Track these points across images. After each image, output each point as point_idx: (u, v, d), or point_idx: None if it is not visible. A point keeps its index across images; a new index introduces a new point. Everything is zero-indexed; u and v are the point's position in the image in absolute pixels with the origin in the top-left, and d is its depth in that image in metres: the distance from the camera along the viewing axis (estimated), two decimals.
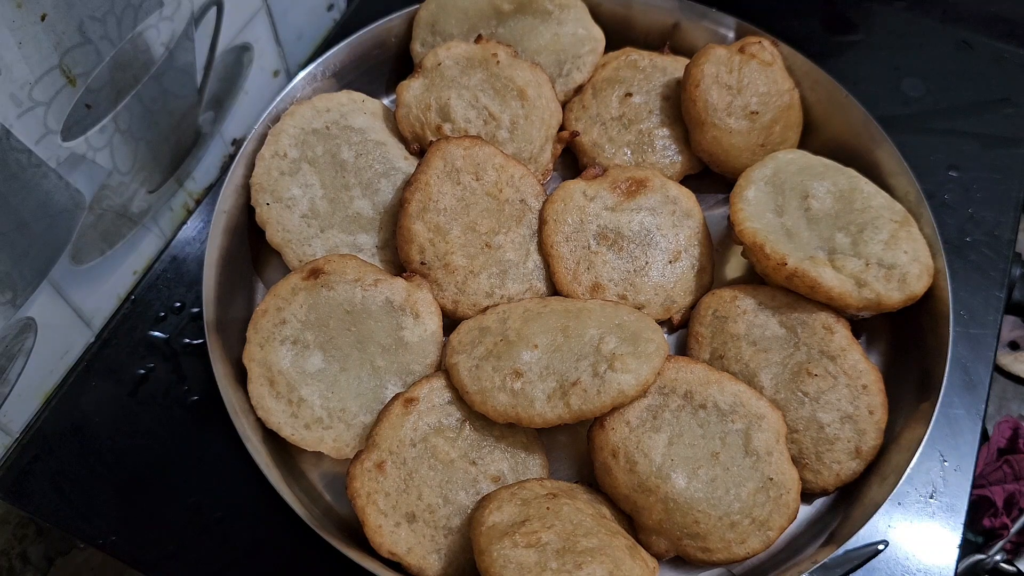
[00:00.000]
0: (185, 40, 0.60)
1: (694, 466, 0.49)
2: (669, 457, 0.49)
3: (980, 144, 0.71)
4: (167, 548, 0.53)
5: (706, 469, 0.49)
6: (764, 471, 0.49)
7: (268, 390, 0.53)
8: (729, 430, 0.50)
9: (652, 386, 0.50)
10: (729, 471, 0.49)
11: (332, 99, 0.63)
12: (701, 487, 0.48)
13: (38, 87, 0.48)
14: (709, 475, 0.49)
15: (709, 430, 0.50)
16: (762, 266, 0.57)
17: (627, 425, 0.50)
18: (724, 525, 0.48)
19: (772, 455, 0.50)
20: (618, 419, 0.50)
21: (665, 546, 0.49)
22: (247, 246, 0.62)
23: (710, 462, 0.49)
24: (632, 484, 0.49)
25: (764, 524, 0.49)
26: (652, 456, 0.49)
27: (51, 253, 0.54)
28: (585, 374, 0.51)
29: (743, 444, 0.50)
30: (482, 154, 0.59)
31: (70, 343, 0.60)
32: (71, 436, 0.57)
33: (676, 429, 0.50)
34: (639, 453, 0.49)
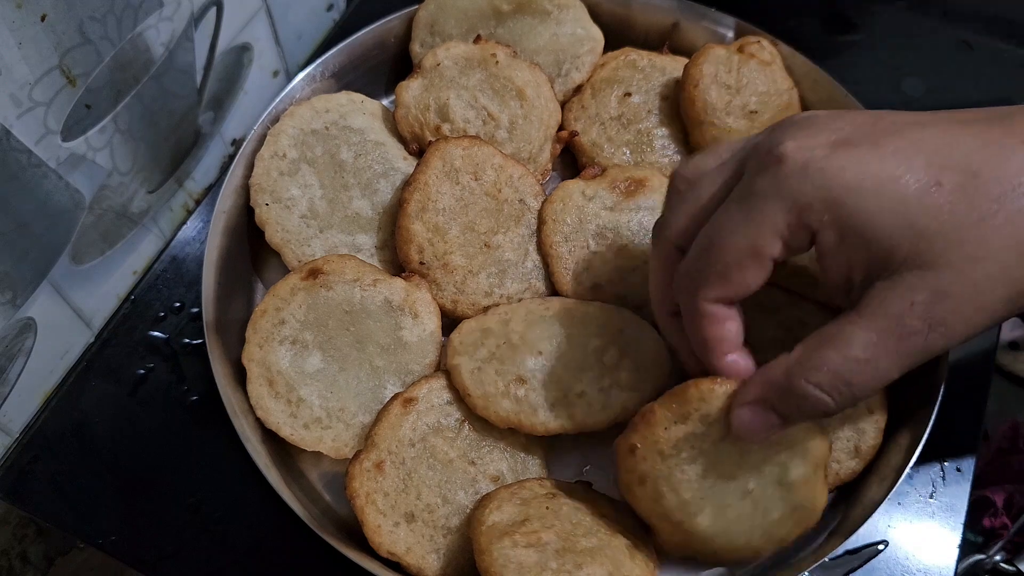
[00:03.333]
0: (185, 40, 0.60)
1: (723, 505, 0.45)
2: (700, 494, 0.45)
3: None
4: (167, 548, 0.53)
5: (735, 508, 0.45)
6: (794, 500, 0.45)
7: (267, 390, 0.53)
8: (770, 461, 0.45)
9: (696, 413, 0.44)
10: (757, 507, 0.45)
11: (331, 100, 0.63)
12: (725, 524, 0.45)
13: (38, 87, 0.48)
14: (737, 513, 0.45)
15: (748, 461, 0.45)
16: None
17: (660, 455, 0.45)
18: (742, 550, 0.46)
19: (807, 484, 0.45)
20: (651, 446, 0.45)
21: (676, 551, 0.48)
22: (246, 246, 0.62)
23: (741, 500, 0.45)
24: (655, 513, 0.47)
25: (782, 540, 0.46)
26: (681, 493, 0.45)
27: (51, 253, 0.55)
28: (590, 387, 0.51)
29: (779, 476, 0.45)
30: (481, 154, 0.59)
31: (70, 343, 0.60)
32: (71, 436, 0.57)
33: (713, 459, 0.45)
34: (668, 487, 0.45)
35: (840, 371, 0.37)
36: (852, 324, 0.37)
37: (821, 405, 0.38)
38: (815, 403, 0.38)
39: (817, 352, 0.38)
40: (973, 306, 0.36)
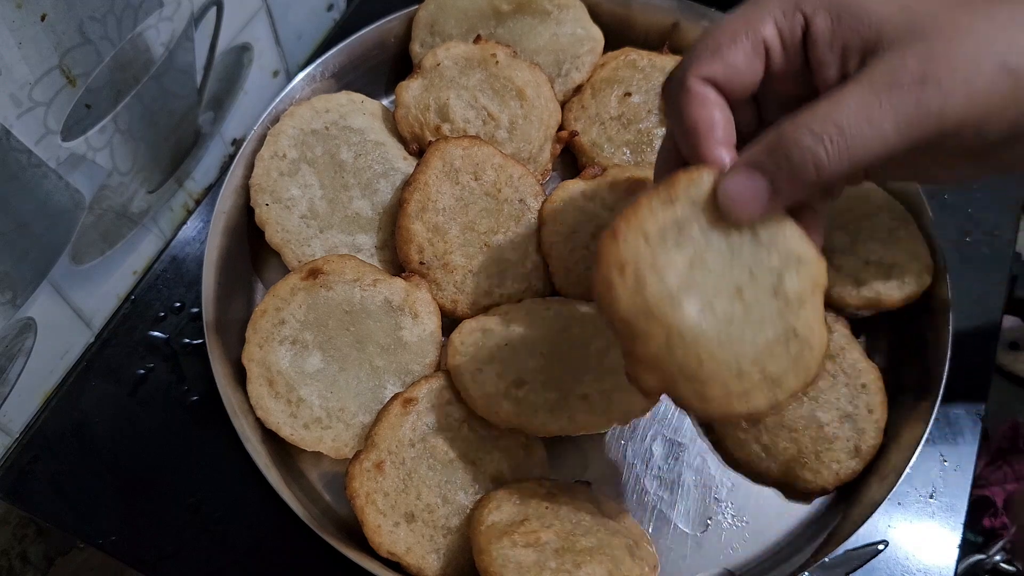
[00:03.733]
0: (185, 40, 0.60)
1: (711, 297, 0.40)
2: (686, 282, 0.40)
3: None
4: (167, 548, 0.53)
5: (725, 303, 0.40)
6: (790, 321, 0.40)
7: (267, 390, 0.53)
8: (762, 264, 0.40)
9: (684, 196, 0.40)
10: (750, 312, 0.40)
11: (331, 100, 0.63)
12: (714, 322, 0.40)
13: (38, 87, 0.48)
14: (726, 311, 0.40)
15: (739, 258, 0.40)
16: None
17: (644, 238, 0.40)
18: (730, 371, 0.40)
19: (804, 306, 0.41)
20: (635, 229, 0.40)
21: (655, 382, 0.41)
22: (247, 246, 0.62)
23: (731, 296, 0.40)
24: (635, 307, 0.40)
25: (775, 381, 0.41)
26: (666, 278, 0.39)
27: (51, 253, 0.54)
28: (591, 389, 0.51)
29: (773, 284, 0.40)
30: (481, 154, 0.59)
31: (70, 343, 0.60)
32: (71, 436, 0.57)
33: (701, 249, 0.40)
34: (651, 272, 0.39)
35: (834, 119, 0.36)
36: (845, 87, 0.36)
37: (812, 156, 0.36)
38: (806, 154, 0.36)
39: (810, 109, 0.37)
40: (966, 66, 0.35)
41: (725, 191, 0.38)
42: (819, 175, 0.36)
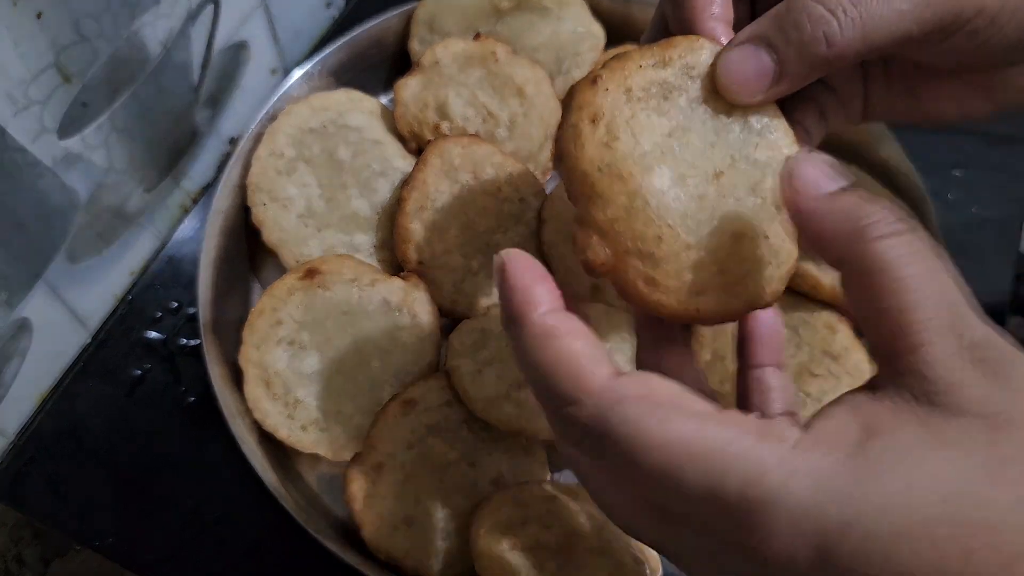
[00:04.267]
0: (182, 38, 0.59)
1: (686, 172, 0.36)
2: (661, 148, 0.36)
3: (984, 142, 0.70)
4: (164, 550, 0.53)
5: (698, 182, 0.36)
6: (763, 223, 0.36)
7: (264, 391, 0.53)
8: (748, 154, 0.36)
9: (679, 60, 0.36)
10: (723, 198, 0.36)
11: (329, 98, 0.63)
12: (683, 198, 0.35)
13: (34, 85, 0.48)
14: (698, 190, 0.36)
15: (724, 142, 0.36)
16: None
17: (626, 92, 0.36)
18: (687, 259, 0.35)
19: (781, 212, 0.36)
20: (618, 81, 0.36)
21: (605, 256, 0.36)
22: (244, 246, 0.61)
23: (707, 178, 0.36)
24: (601, 161, 0.36)
25: (731, 286, 0.36)
26: (641, 139, 0.36)
27: (46, 253, 0.54)
28: None
29: (755, 179, 0.36)
30: (480, 152, 0.59)
31: (66, 344, 0.59)
32: (67, 437, 0.57)
33: (685, 122, 0.36)
34: (626, 129, 0.35)
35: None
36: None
37: (824, 26, 0.32)
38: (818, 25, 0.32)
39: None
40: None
41: (726, 65, 0.34)
42: (830, 50, 0.32)
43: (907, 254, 0.26)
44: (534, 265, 0.31)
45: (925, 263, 0.26)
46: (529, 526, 0.47)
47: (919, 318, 0.26)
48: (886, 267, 0.26)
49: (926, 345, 0.25)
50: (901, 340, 0.26)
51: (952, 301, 0.26)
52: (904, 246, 0.26)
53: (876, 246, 0.27)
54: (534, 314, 0.29)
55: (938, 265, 0.26)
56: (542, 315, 0.29)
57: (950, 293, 0.26)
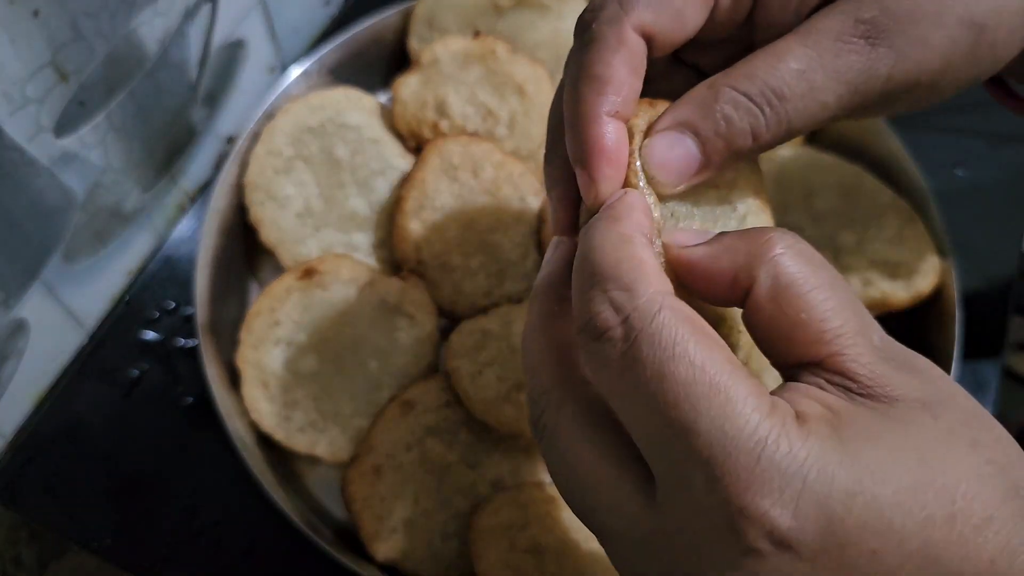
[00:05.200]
0: (179, 36, 0.59)
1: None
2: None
3: (987, 142, 0.70)
4: (162, 552, 0.53)
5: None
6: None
7: (262, 392, 0.52)
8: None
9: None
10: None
11: (327, 96, 0.62)
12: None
13: (31, 84, 0.47)
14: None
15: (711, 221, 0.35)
16: None
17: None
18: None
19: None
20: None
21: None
22: (241, 246, 0.61)
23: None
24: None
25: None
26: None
27: (43, 253, 0.54)
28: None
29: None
30: (480, 151, 0.58)
31: (63, 344, 0.59)
32: (64, 439, 0.56)
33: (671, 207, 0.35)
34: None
35: (771, 80, 0.31)
36: (785, 41, 0.32)
37: (749, 116, 0.32)
38: (744, 120, 0.32)
39: (746, 63, 0.32)
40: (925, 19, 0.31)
41: (652, 152, 0.32)
42: (755, 143, 0.32)
43: (808, 266, 0.27)
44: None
45: (826, 272, 0.27)
46: (529, 528, 0.47)
47: (836, 325, 0.27)
48: (793, 281, 0.27)
49: (848, 349, 0.27)
50: (823, 347, 0.27)
51: (855, 308, 0.27)
52: (803, 259, 0.27)
53: (779, 263, 0.27)
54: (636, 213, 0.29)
55: (834, 273, 0.28)
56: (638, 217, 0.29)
57: (852, 300, 0.27)
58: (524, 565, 0.46)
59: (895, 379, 0.26)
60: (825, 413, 0.26)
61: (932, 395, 0.26)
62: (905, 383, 0.26)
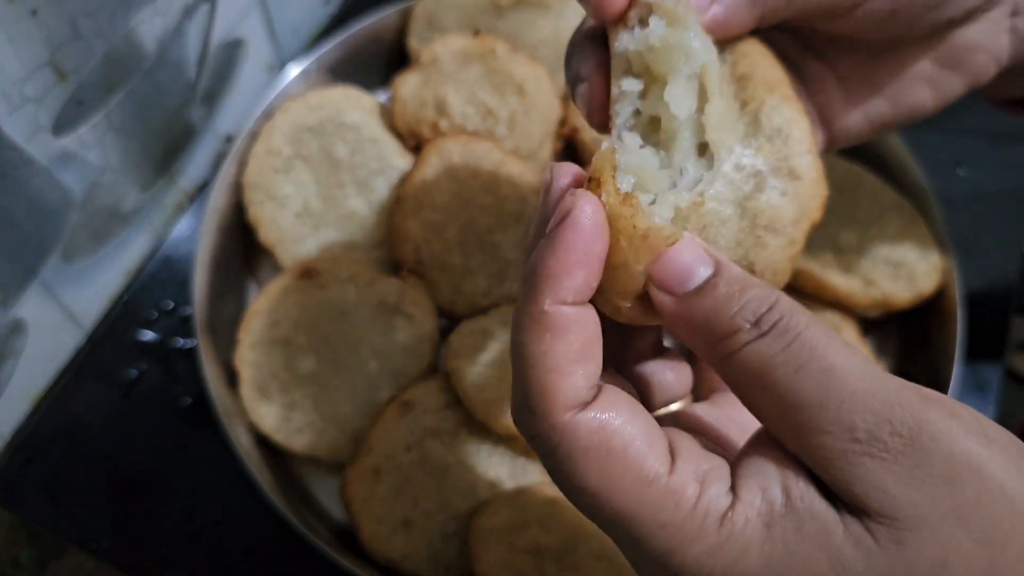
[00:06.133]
0: (178, 35, 0.59)
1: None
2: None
3: (988, 141, 0.70)
4: (160, 552, 0.53)
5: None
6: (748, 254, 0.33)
7: (260, 393, 0.52)
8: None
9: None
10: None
11: (326, 95, 0.62)
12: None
13: (29, 83, 0.47)
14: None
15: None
16: None
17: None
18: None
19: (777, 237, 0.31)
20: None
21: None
22: (240, 245, 0.61)
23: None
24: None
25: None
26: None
27: (41, 252, 0.54)
28: None
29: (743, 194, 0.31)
30: (480, 150, 0.58)
31: (61, 344, 0.59)
32: (63, 439, 0.56)
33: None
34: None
35: None
36: None
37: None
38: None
39: None
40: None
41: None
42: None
43: (772, 357, 0.25)
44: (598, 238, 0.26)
45: (793, 360, 0.24)
46: (529, 529, 0.47)
47: (800, 421, 0.24)
48: (755, 374, 0.25)
49: (816, 448, 0.24)
50: (793, 442, 0.25)
51: (832, 396, 0.24)
52: (768, 346, 0.25)
53: (739, 356, 0.25)
54: (547, 300, 0.26)
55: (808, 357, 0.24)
56: (558, 303, 0.26)
57: (829, 385, 0.24)
58: (524, 566, 0.46)
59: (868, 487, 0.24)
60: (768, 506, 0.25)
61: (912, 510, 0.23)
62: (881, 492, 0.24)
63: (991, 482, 0.23)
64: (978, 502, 0.23)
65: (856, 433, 0.24)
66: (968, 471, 0.23)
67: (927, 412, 0.24)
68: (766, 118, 0.31)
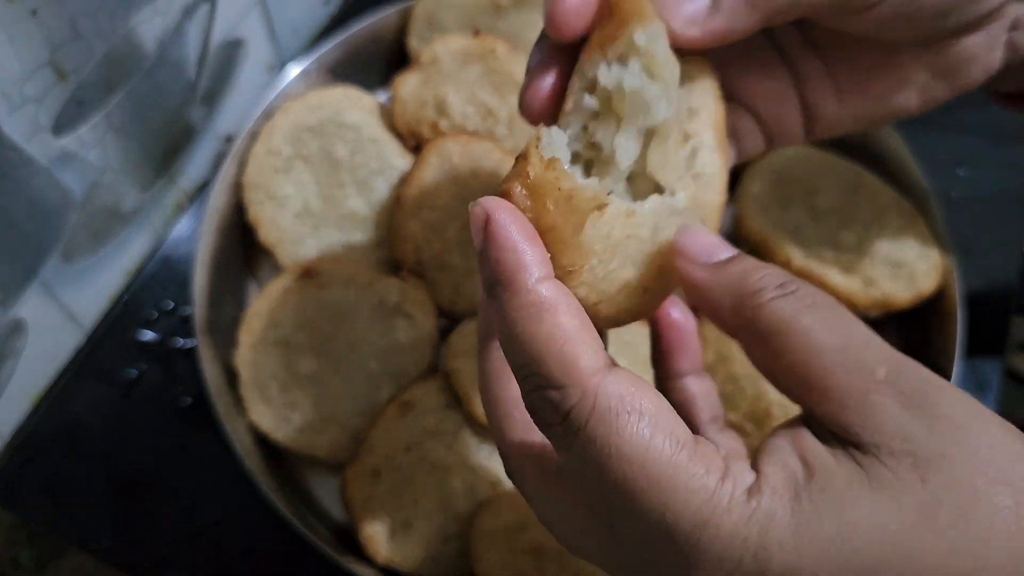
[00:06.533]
0: (178, 35, 0.59)
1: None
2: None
3: (989, 140, 0.70)
4: (160, 553, 0.52)
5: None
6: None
7: (260, 393, 0.52)
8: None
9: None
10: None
11: (326, 95, 0.62)
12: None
13: (29, 83, 0.47)
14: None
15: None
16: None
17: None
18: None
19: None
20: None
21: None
22: (240, 245, 0.61)
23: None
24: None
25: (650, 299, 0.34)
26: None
27: (41, 252, 0.54)
28: None
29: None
30: (480, 150, 0.58)
31: (61, 344, 0.59)
32: (62, 439, 0.56)
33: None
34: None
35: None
36: None
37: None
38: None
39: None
40: None
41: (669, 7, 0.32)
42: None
43: (798, 310, 0.27)
44: (522, 219, 0.27)
45: (818, 312, 0.27)
46: (529, 530, 0.47)
47: (823, 364, 0.26)
48: (779, 326, 0.27)
49: (836, 390, 0.26)
50: (812, 391, 0.26)
51: (854, 342, 0.26)
52: (793, 303, 0.27)
53: (766, 309, 0.27)
54: (528, 281, 0.26)
55: (831, 313, 0.27)
56: (537, 283, 0.26)
57: (850, 335, 0.26)
58: (524, 566, 0.46)
59: (893, 423, 0.25)
60: (791, 478, 0.25)
61: (933, 447, 0.24)
62: (905, 430, 0.24)
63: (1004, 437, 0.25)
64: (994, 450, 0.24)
65: (877, 373, 0.25)
66: (980, 421, 0.25)
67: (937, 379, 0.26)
68: (700, 162, 0.34)
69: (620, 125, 0.31)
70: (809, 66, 0.39)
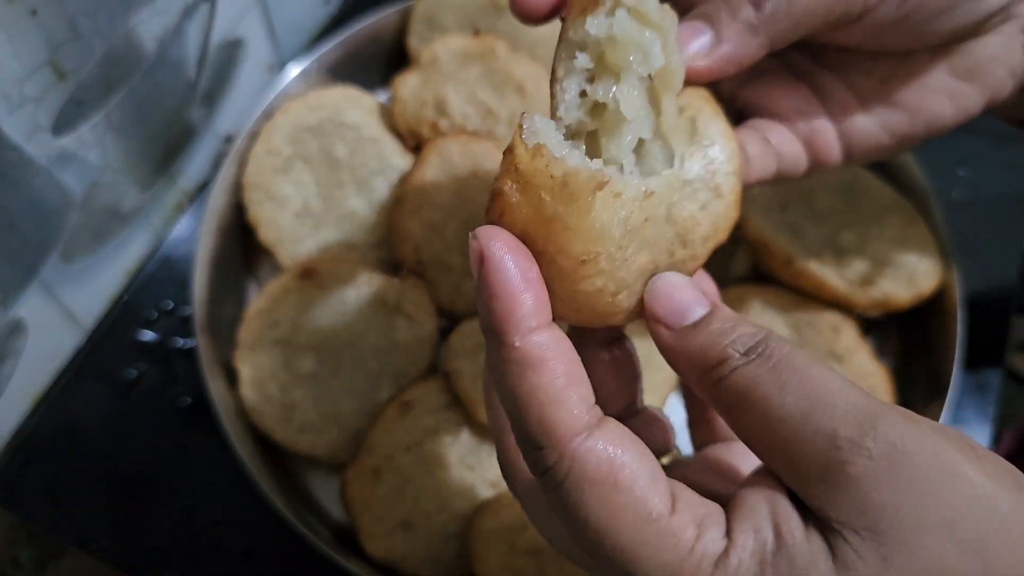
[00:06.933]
0: (177, 35, 0.59)
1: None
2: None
3: (989, 141, 0.70)
4: (159, 553, 0.52)
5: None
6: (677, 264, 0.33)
7: (260, 393, 0.52)
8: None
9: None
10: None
11: (326, 95, 0.62)
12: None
13: (29, 83, 0.47)
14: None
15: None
16: (767, 264, 0.56)
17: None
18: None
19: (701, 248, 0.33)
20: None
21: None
22: (239, 245, 0.61)
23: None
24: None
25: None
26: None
27: (41, 252, 0.54)
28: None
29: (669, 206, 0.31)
30: (480, 150, 0.58)
31: (61, 344, 0.59)
32: (62, 439, 0.56)
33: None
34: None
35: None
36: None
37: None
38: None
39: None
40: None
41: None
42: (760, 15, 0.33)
43: (759, 378, 0.26)
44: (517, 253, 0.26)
45: (781, 377, 0.25)
46: (529, 530, 0.47)
47: (784, 435, 0.25)
48: (740, 398, 0.26)
49: (797, 463, 0.25)
50: (777, 462, 0.26)
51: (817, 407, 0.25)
52: (755, 370, 0.26)
53: (728, 381, 0.27)
54: (514, 337, 0.26)
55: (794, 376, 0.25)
56: (524, 336, 0.26)
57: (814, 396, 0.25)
58: (524, 567, 0.46)
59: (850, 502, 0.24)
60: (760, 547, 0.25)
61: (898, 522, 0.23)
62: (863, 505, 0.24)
63: (980, 490, 0.23)
64: (967, 512, 0.23)
65: (838, 441, 0.24)
66: (956, 480, 0.23)
67: (912, 426, 0.24)
68: (703, 126, 0.33)
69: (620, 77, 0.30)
70: (825, 80, 0.40)
